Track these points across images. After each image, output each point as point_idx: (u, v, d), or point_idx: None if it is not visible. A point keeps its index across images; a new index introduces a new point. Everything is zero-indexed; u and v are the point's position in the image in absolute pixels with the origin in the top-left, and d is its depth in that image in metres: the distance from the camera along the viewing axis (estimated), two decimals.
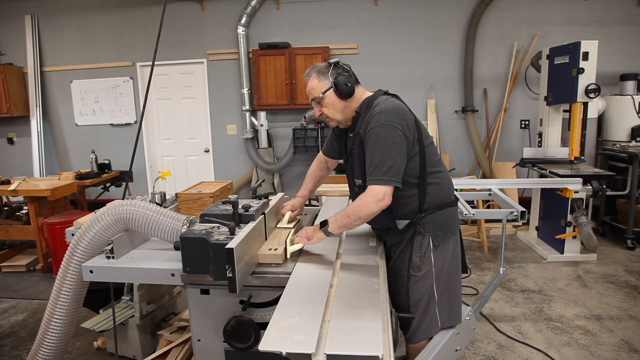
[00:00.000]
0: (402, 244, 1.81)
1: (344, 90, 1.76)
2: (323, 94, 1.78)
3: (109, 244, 1.88)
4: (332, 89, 1.77)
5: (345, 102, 1.79)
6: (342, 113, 1.82)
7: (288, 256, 1.77)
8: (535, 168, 4.33)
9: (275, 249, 1.75)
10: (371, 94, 1.84)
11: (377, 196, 1.63)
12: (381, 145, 1.64)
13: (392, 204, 1.67)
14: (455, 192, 1.96)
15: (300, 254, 1.83)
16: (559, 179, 3.84)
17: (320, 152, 2.22)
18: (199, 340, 1.84)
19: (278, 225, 2.06)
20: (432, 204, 1.79)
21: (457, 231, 1.91)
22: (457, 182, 3.56)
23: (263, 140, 5.61)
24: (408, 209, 1.78)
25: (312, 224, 2.27)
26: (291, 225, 2.02)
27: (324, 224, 1.75)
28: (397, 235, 1.84)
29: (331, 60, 1.81)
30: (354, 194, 1.93)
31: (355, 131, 1.80)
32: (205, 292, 1.77)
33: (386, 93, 1.82)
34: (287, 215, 2.05)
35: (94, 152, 4.99)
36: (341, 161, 2.10)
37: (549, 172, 4.01)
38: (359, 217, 1.67)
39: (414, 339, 1.86)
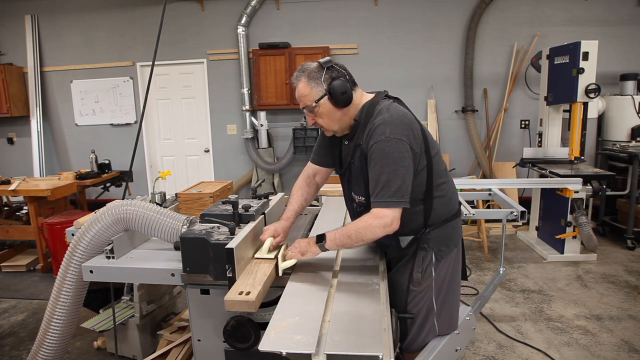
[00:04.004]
0: (403, 259, 1.72)
1: (340, 100, 1.54)
2: (316, 102, 1.56)
3: (109, 244, 1.88)
4: (326, 96, 1.55)
5: (342, 111, 1.58)
6: (338, 123, 1.61)
7: (280, 273, 1.60)
8: (535, 168, 4.33)
9: (248, 293, 1.38)
10: (370, 96, 1.64)
11: (384, 220, 1.46)
12: (388, 162, 1.46)
13: None
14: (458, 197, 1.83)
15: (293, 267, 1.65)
16: (559, 179, 3.84)
17: (309, 162, 1.92)
18: (199, 340, 1.83)
19: (256, 255, 1.69)
20: (438, 218, 1.66)
21: (460, 241, 1.80)
22: (457, 182, 3.54)
23: (263, 140, 5.61)
24: (412, 226, 1.64)
25: (312, 225, 2.27)
26: (272, 255, 1.66)
27: (321, 238, 1.57)
28: (399, 251, 1.72)
29: (322, 61, 1.56)
30: (354, 212, 1.75)
31: (355, 142, 1.61)
32: (205, 292, 1.77)
33: (387, 96, 1.64)
34: (267, 242, 1.67)
35: (94, 152, 4.99)
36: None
37: (549, 172, 4.01)
38: (362, 239, 1.51)
39: (410, 349, 1.81)
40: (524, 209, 2.45)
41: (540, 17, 5.24)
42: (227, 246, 1.52)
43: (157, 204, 2.42)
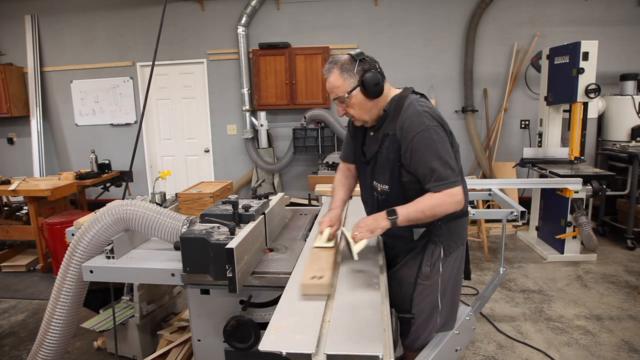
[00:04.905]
0: (412, 251, 1.75)
1: (373, 91, 1.59)
2: (349, 93, 1.59)
3: (109, 244, 1.88)
4: (358, 88, 1.59)
5: (373, 102, 1.63)
6: (369, 113, 1.66)
7: (355, 257, 1.58)
8: (535, 168, 4.33)
9: (321, 277, 1.46)
10: (398, 90, 1.71)
11: (457, 198, 1.54)
12: (435, 148, 1.53)
13: None
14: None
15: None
16: (559, 179, 3.84)
17: (341, 162, 1.99)
18: (199, 340, 1.84)
19: (316, 244, 1.72)
20: (449, 214, 1.67)
21: (465, 240, 1.86)
22: None
23: (263, 140, 5.61)
24: None
25: (312, 225, 2.27)
26: (331, 244, 1.72)
27: (391, 213, 1.55)
28: (409, 243, 1.75)
29: (353, 53, 1.61)
30: (375, 200, 1.75)
31: (383, 132, 1.65)
32: (205, 292, 1.77)
33: (414, 92, 1.70)
34: (327, 232, 1.73)
35: (94, 152, 4.99)
36: None
37: (549, 172, 4.01)
38: (434, 215, 1.56)
39: (412, 347, 1.83)
40: (524, 209, 2.45)
41: (540, 17, 5.24)
42: (227, 246, 1.52)
43: (157, 204, 2.42)
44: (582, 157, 4.12)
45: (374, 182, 1.73)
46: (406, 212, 1.55)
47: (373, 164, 1.72)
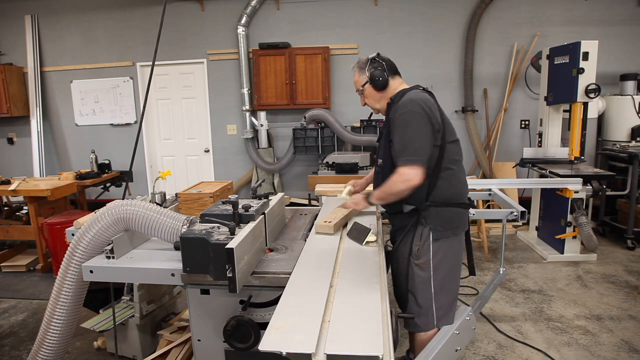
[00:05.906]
0: (405, 229, 1.93)
1: (377, 84, 1.95)
2: (362, 86, 2.01)
3: (109, 244, 1.88)
4: (368, 82, 1.97)
5: (381, 93, 1.99)
6: (379, 102, 2.02)
7: (362, 243, 1.96)
8: (535, 168, 4.33)
9: (329, 222, 2.09)
10: (408, 86, 1.99)
11: (404, 176, 1.77)
12: (407, 129, 1.78)
13: None
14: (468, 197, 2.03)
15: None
16: (559, 179, 3.84)
17: None
18: (199, 340, 1.84)
19: (339, 196, 2.34)
20: (439, 198, 1.86)
21: (461, 233, 1.97)
22: None
23: (263, 140, 5.61)
24: (415, 196, 1.85)
25: (312, 224, 2.30)
26: (348, 197, 2.27)
27: (369, 195, 1.97)
28: (403, 220, 1.95)
29: (370, 55, 1.98)
30: (376, 173, 2.10)
31: (388, 117, 1.97)
32: (205, 292, 1.77)
33: (424, 89, 1.96)
34: (347, 188, 2.30)
35: (94, 152, 4.99)
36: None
37: (549, 172, 4.01)
38: (390, 194, 1.83)
39: (411, 327, 1.95)
40: (524, 209, 2.45)
41: (540, 17, 5.24)
42: (227, 246, 1.52)
43: (157, 204, 2.43)
44: (582, 157, 4.12)
45: (378, 158, 2.05)
46: (375, 192, 1.93)
47: (380, 142, 2.05)
